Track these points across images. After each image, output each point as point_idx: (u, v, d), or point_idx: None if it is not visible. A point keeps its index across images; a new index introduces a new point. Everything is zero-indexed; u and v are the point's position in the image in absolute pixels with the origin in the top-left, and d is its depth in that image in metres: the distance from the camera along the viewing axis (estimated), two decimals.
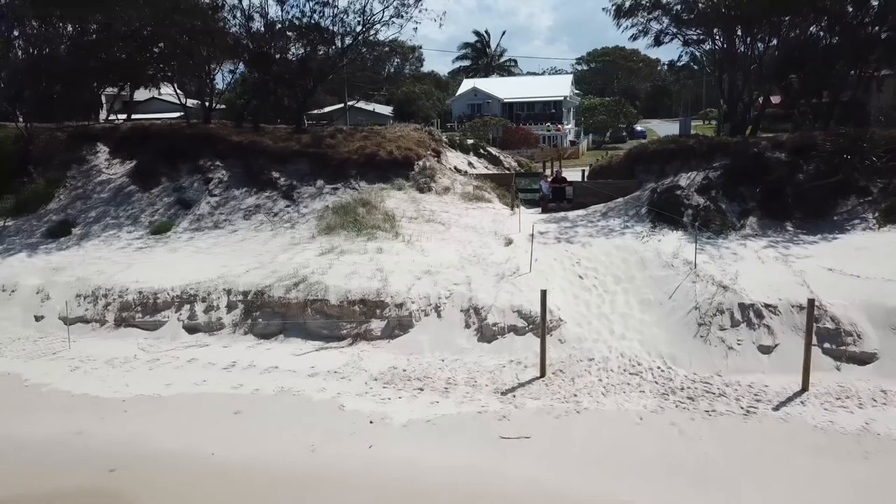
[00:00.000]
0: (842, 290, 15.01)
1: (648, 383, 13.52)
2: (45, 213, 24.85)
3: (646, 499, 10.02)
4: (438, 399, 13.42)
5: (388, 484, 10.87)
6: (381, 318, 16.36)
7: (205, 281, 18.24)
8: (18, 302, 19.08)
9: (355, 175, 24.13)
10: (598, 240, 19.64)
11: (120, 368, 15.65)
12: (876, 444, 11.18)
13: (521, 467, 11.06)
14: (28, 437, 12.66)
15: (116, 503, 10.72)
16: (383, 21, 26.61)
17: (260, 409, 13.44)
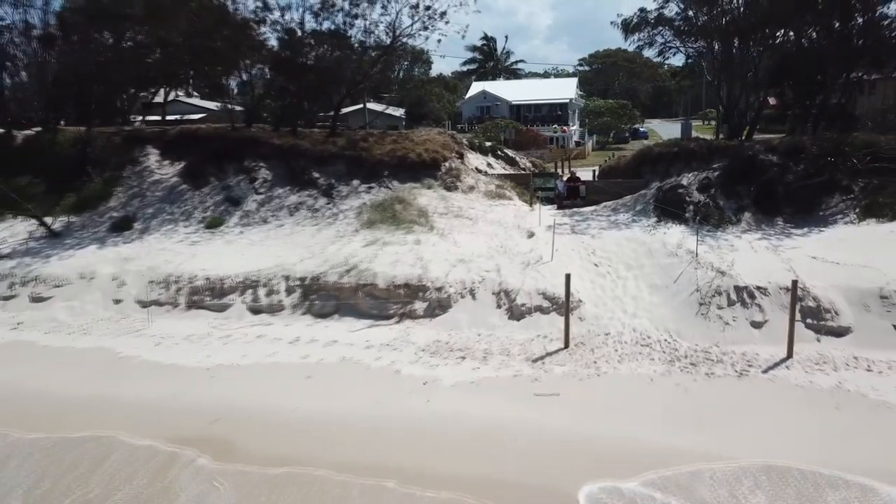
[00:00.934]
0: (823, 275, 17.29)
1: (657, 353, 15.81)
2: (105, 210, 27.15)
3: (655, 439, 12.27)
4: (479, 366, 15.73)
5: (443, 430, 13.13)
6: (423, 300, 18.65)
7: (264, 269, 20.57)
8: (98, 288, 21.36)
9: (388, 175, 26.38)
10: (609, 232, 21.95)
11: (197, 343, 17.95)
12: (846, 398, 13.46)
13: (553, 417, 13.33)
14: (137, 397, 14.94)
15: (224, 445, 12.93)
16: (411, 34, 28.87)
17: (327, 375, 15.73)
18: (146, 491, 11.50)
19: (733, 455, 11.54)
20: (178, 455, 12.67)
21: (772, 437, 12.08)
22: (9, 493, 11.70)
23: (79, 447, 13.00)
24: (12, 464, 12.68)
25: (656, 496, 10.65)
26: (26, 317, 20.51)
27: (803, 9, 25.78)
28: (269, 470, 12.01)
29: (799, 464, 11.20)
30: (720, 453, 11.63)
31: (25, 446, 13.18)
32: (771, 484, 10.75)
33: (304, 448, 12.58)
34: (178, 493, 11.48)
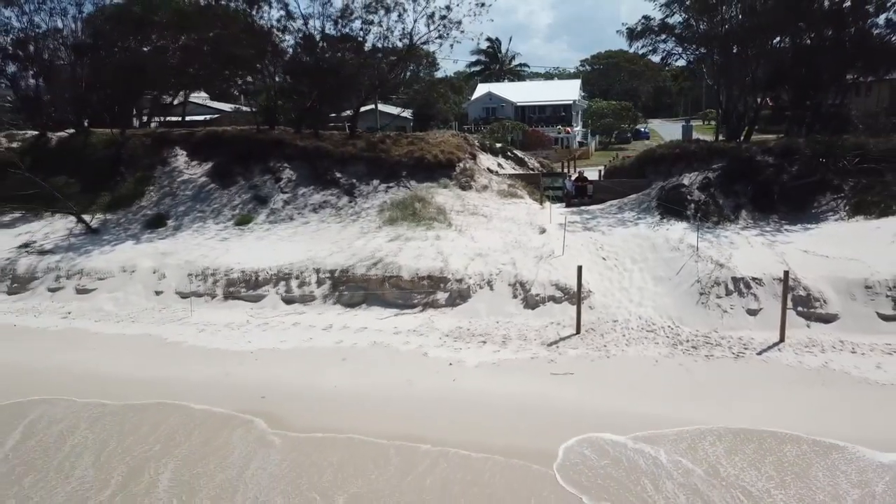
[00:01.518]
0: (814, 267, 18.76)
1: (661, 337, 17.29)
2: (139, 208, 28.64)
3: (659, 410, 13.72)
4: (499, 349, 17.22)
5: (468, 404, 14.58)
6: (444, 291, 20.13)
7: (296, 262, 22.07)
8: (139, 280, 22.88)
9: (406, 175, 27.85)
10: (616, 229, 23.44)
11: (238, 330, 19.45)
12: (832, 376, 14.93)
13: (568, 392, 14.81)
14: (191, 376, 16.46)
15: (274, 418, 14.40)
16: (427, 41, 30.31)
17: (361, 357, 17.22)
18: (201, 449, 13.04)
19: (722, 422, 13.05)
20: (233, 418, 14.25)
21: (761, 409, 13.56)
22: (82, 451, 13.21)
23: (144, 412, 14.58)
24: (82, 426, 14.25)
25: (633, 444, 12.38)
26: (74, 307, 22.04)
27: (798, 18, 27.14)
28: (313, 434, 13.53)
29: (780, 429, 12.72)
30: (711, 420, 13.14)
31: (94, 412, 14.72)
32: (740, 441, 12.31)
33: (345, 420, 14.04)
34: (231, 451, 13.00)
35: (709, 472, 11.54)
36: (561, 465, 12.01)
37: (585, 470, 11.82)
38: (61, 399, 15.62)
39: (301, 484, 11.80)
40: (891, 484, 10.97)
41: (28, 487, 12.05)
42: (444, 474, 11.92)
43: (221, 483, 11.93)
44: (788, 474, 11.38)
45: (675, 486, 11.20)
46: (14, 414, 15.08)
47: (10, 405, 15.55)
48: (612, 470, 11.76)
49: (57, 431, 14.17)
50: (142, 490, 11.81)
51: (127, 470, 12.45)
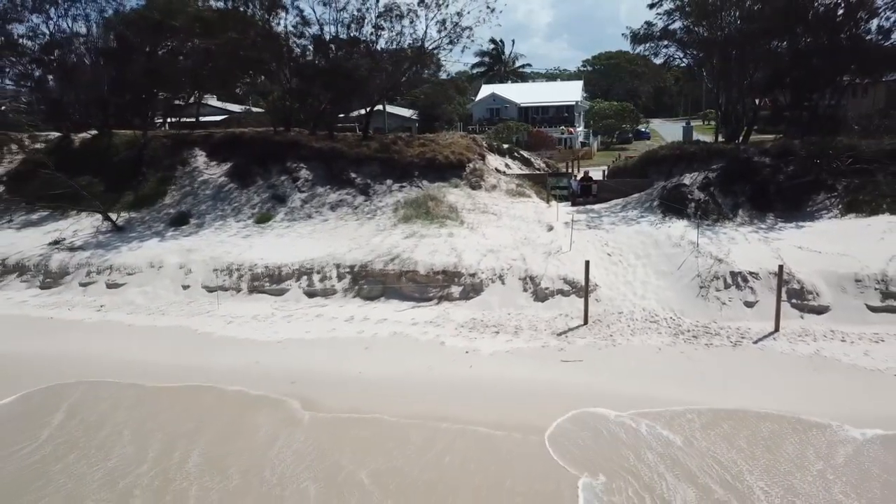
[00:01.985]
0: (807, 262, 19.83)
1: (664, 328, 18.37)
2: (161, 206, 29.74)
3: (663, 393, 14.78)
4: (511, 338, 18.30)
5: (484, 387, 15.65)
6: (458, 285, 21.20)
7: (317, 258, 23.15)
8: (167, 275, 23.94)
9: (418, 175, 28.92)
10: (620, 226, 24.51)
11: (264, 322, 20.53)
12: (823, 362, 16.00)
13: (578, 377, 15.88)
14: (225, 364, 17.53)
15: (304, 400, 15.47)
16: (438, 46, 31.37)
17: (382, 346, 18.29)
18: (236, 427, 14.12)
19: (715, 403, 14.15)
20: (265, 399, 15.37)
21: (755, 392, 14.63)
22: (121, 430, 14.29)
23: (179, 394, 15.68)
24: (122, 406, 15.36)
25: (615, 417, 13.57)
26: (106, 300, 23.12)
27: (794, 23, 28.17)
28: (340, 415, 14.62)
29: (768, 410, 13.80)
30: (705, 401, 14.24)
31: (132, 394, 15.83)
32: (723, 419, 13.40)
33: (369, 402, 15.09)
34: (262, 430, 14.09)
35: (685, 443, 12.69)
36: (551, 434, 13.30)
37: (569, 439, 13.05)
38: (102, 381, 16.76)
39: (328, 459, 12.87)
40: (852, 456, 12.05)
41: (72, 463, 13.06)
42: (462, 449, 13.01)
43: (255, 457, 13.02)
44: (759, 448, 12.48)
45: (654, 455, 12.32)
46: (58, 395, 16.21)
47: (54, 387, 16.67)
48: (592, 439, 13.03)
49: (98, 412, 15.28)
50: (192, 464, 12.90)
51: (164, 447, 13.51)
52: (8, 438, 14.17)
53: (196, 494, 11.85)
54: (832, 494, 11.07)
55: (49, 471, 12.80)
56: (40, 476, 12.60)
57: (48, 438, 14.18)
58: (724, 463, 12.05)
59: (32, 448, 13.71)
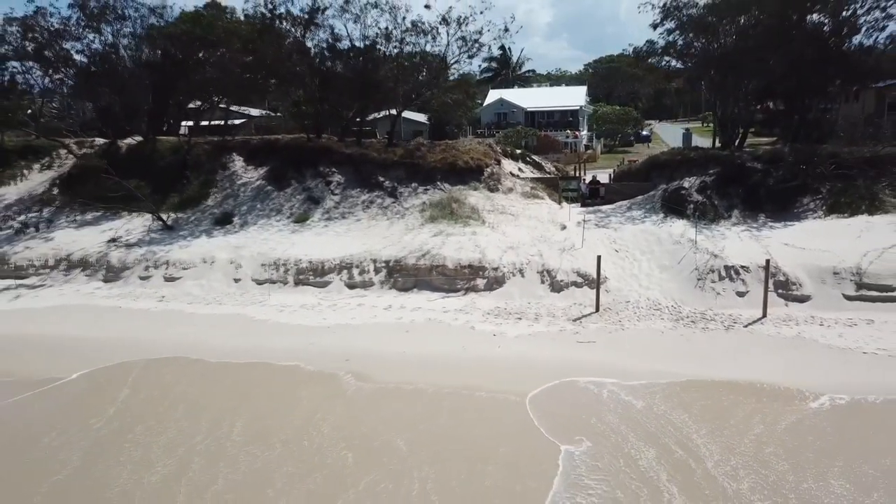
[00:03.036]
0: (792, 257, 22.24)
1: (666, 314, 20.79)
2: (205, 207, 32.18)
3: (665, 368, 17.20)
4: (532, 324, 20.73)
5: (511, 364, 18.04)
6: (482, 278, 23.63)
7: (355, 254, 25.59)
8: (219, 269, 26.39)
9: (440, 179, 31.31)
10: (626, 226, 26.92)
11: (312, 310, 22.97)
12: (802, 342, 18.41)
13: (592, 355, 18.29)
14: (283, 345, 19.95)
15: (358, 374, 17.88)
16: (458, 60, 33.83)
17: (420, 330, 20.73)
18: (309, 394, 16.57)
19: (711, 375, 16.56)
20: (325, 373, 17.78)
21: (744, 366, 17.05)
22: (175, 403, 16.65)
23: (253, 369, 18.14)
24: (184, 381, 17.82)
25: (583, 383, 15.82)
26: (166, 292, 25.57)
27: (785, 40, 30.45)
28: (387, 385, 17.05)
29: (754, 379, 16.21)
30: (702, 374, 16.66)
31: (195, 371, 18.30)
32: (693, 388, 15.83)
33: (412, 377, 17.49)
34: (331, 394, 16.50)
35: (680, 405, 15.14)
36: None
37: (585, 396, 15.66)
38: (171, 357, 19.29)
39: (382, 415, 15.33)
40: (794, 423, 14.28)
41: (140, 434, 15.40)
42: (494, 410, 15.45)
43: (322, 417, 15.47)
44: (711, 413, 14.78)
45: (644, 408, 14.75)
46: (127, 370, 18.66)
47: (126, 363, 19.09)
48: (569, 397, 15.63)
49: (167, 383, 17.76)
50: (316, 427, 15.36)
51: (252, 417, 15.99)
52: (89, 405, 16.64)
53: (292, 448, 14.29)
54: (817, 433, 13.50)
55: (119, 440, 15.22)
56: (122, 434, 15.07)
57: (124, 400, 16.67)
58: (714, 417, 14.49)
59: (113, 410, 16.21)
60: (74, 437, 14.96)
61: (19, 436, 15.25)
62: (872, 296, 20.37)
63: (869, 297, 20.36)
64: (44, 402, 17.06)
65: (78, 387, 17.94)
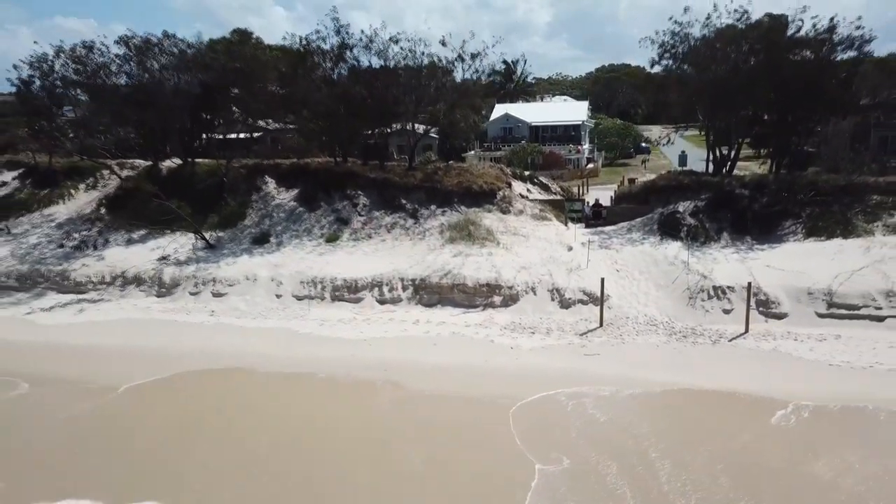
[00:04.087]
0: (772, 278, 24.98)
1: (661, 329, 23.53)
2: (243, 227, 34.97)
3: (660, 378, 19.91)
4: (544, 337, 23.49)
5: (526, 373, 20.77)
6: (499, 295, 26.38)
7: (384, 273, 28.35)
8: (261, 286, 29.16)
9: (457, 202, 34.06)
10: (626, 247, 29.69)
11: (349, 324, 25.72)
12: (778, 355, 21.12)
13: (596, 367, 21.01)
14: (327, 356, 22.71)
15: (396, 384, 20.62)
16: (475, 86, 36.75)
17: (446, 343, 23.47)
18: (354, 397, 19.31)
19: (697, 384, 19.29)
20: (368, 381, 20.50)
21: (727, 376, 19.78)
22: (238, 405, 19.43)
23: (305, 379, 20.90)
24: (254, 390, 20.54)
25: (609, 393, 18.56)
26: (215, 307, 28.34)
27: (773, 78, 33.14)
28: (425, 392, 19.77)
29: (733, 388, 18.93)
30: (690, 382, 19.39)
31: (250, 379, 21.06)
32: (694, 395, 18.52)
33: (442, 385, 20.26)
34: (374, 399, 19.25)
35: (643, 409, 17.87)
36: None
37: (588, 397, 18.30)
38: (228, 368, 22.01)
39: (419, 418, 18.09)
40: (789, 415, 17.12)
41: (210, 429, 18.30)
42: (519, 411, 18.21)
43: (370, 419, 18.23)
44: (696, 414, 17.59)
45: (637, 406, 17.51)
46: (196, 376, 21.42)
47: (189, 372, 21.88)
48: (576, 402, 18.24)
49: (228, 388, 20.52)
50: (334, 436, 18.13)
51: (283, 420, 18.76)
52: (162, 406, 19.45)
53: (344, 441, 17.05)
54: (780, 436, 16.25)
55: (196, 427, 18.03)
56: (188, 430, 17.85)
57: (192, 402, 19.43)
58: (697, 418, 17.25)
59: (184, 410, 19.00)
60: (157, 430, 17.81)
61: (116, 427, 18.07)
62: (841, 314, 23.10)
63: (838, 315, 23.09)
64: (125, 401, 19.87)
65: (152, 389, 20.75)
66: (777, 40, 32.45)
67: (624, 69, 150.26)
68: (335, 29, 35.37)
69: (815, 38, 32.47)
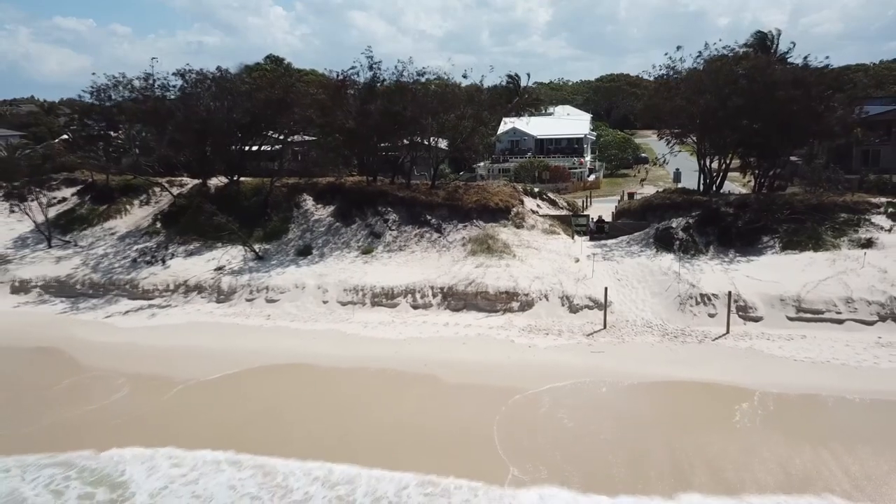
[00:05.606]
0: (750, 287, 28.80)
1: (655, 331, 27.36)
2: (287, 240, 38.88)
3: (654, 371, 23.75)
4: (556, 338, 27.33)
5: (541, 368, 24.58)
6: (516, 301, 30.22)
7: (416, 282, 32.23)
8: (309, 293, 33.05)
9: (476, 217, 37.93)
10: (626, 259, 33.54)
11: (388, 326, 29.59)
12: (753, 352, 24.92)
13: (601, 362, 24.83)
14: (375, 354, 26.58)
15: (434, 376, 24.46)
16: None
17: (472, 343, 27.32)
18: (403, 387, 23.20)
19: (685, 376, 23.12)
20: (414, 374, 24.33)
21: (709, 369, 23.61)
22: (268, 396, 23.29)
23: (359, 372, 24.78)
24: (320, 381, 24.41)
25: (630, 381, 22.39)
26: (269, 311, 32.20)
27: (757, 109, 36.82)
28: (458, 383, 23.62)
29: (712, 379, 22.75)
30: (679, 374, 23.22)
31: (311, 373, 24.93)
32: (681, 385, 22.35)
33: (473, 377, 24.12)
34: (413, 390, 23.12)
35: (639, 393, 21.75)
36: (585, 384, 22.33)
37: (594, 386, 22.13)
38: (289, 363, 25.87)
39: (456, 402, 21.95)
40: (759, 400, 20.98)
41: (287, 416, 22.14)
42: (537, 396, 22.08)
43: (417, 404, 22.11)
44: (682, 399, 21.43)
45: (631, 389, 21.38)
46: (267, 371, 25.29)
47: (259, 368, 25.73)
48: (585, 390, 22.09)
49: (295, 381, 24.38)
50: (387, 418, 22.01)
51: (341, 406, 22.65)
52: (236, 398, 23.34)
53: (396, 418, 20.92)
54: (749, 416, 20.10)
55: (274, 414, 21.89)
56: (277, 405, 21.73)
57: (265, 392, 23.31)
58: (682, 402, 21.12)
59: (260, 399, 22.90)
60: (251, 407, 21.72)
61: (218, 404, 21.96)
62: (807, 317, 26.91)
63: (805, 318, 26.89)
64: (201, 393, 23.74)
65: (232, 380, 24.60)
66: (759, 79, 36.21)
67: (624, 78, 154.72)
68: (368, 65, 39.47)
69: (791, 78, 36.14)
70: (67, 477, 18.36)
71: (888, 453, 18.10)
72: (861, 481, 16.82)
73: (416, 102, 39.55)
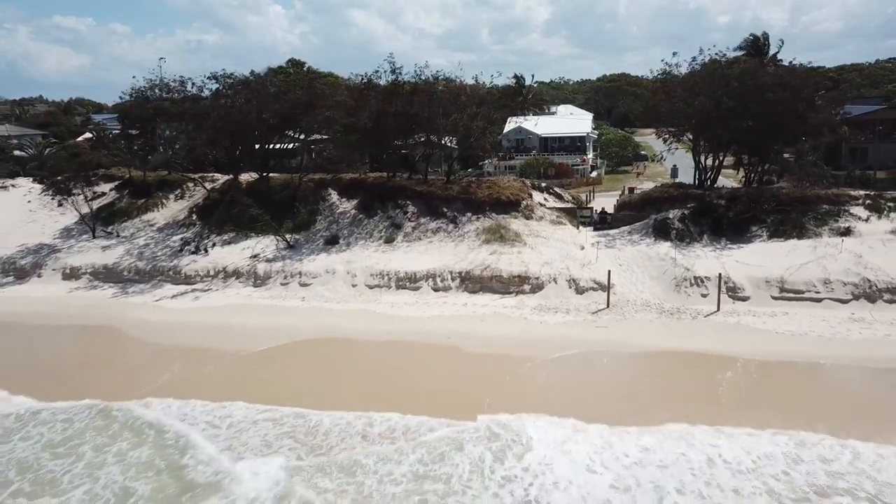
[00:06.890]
0: (739, 270, 31.59)
1: (653, 309, 30.16)
2: (314, 231, 41.69)
3: (652, 342, 26.57)
4: (565, 315, 30.15)
5: (551, 340, 27.39)
6: (528, 284, 33.04)
7: (436, 267, 35.07)
8: (339, 278, 35.88)
9: (488, 210, 40.69)
10: (627, 247, 36.35)
11: (413, 306, 32.40)
12: (740, 327, 27.71)
13: (605, 335, 27.62)
14: (404, 329, 29.43)
15: (458, 348, 27.29)
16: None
17: (489, 320, 30.15)
18: (430, 356, 26.06)
19: (680, 346, 25.94)
20: (440, 345, 27.18)
21: (700, 341, 26.41)
22: (314, 364, 26.13)
23: (391, 343, 27.64)
24: (359, 352, 27.28)
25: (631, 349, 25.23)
26: (304, 294, 35.02)
27: (749, 110, 39.51)
28: (481, 353, 26.47)
29: (706, 349, 25.57)
30: (674, 346, 26.04)
31: (351, 345, 27.80)
32: (676, 354, 25.17)
33: (492, 348, 26.96)
34: (442, 359, 25.97)
35: (639, 359, 24.60)
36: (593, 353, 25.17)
37: (596, 355, 24.97)
38: (330, 337, 28.72)
39: (479, 370, 24.81)
40: (745, 364, 23.82)
41: (335, 374, 25.02)
42: (550, 363, 24.93)
43: (445, 369, 24.98)
44: (677, 365, 24.27)
45: (628, 355, 24.23)
46: (307, 344, 28.15)
47: (302, 341, 28.59)
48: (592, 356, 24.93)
49: (338, 350, 27.26)
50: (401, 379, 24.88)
51: (379, 372, 25.53)
52: (291, 364, 26.22)
53: (430, 379, 23.79)
54: (734, 379, 22.93)
55: (322, 373, 24.76)
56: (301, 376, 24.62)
57: (314, 359, 26.18)
58: (678, 367, 23.98)
59: (310, 364, 25.79)
60: (300, 372, 24.60)
61: (261, 374, 24.83)
62: (789, 297, 29.71)
63: (787, 297, 29.70)
64: (253, 362, 26.61)
65: (275, 354, 27.44)
66: (749, 82, 38.96)
67: (625, 78, 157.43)
68: (391, 69, 42.39)
69: (779, 81, 38.86)
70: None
71: (845, 399, 20.98)
72: (817, 423, 19.64)
73: (433, 103, 42.35)
